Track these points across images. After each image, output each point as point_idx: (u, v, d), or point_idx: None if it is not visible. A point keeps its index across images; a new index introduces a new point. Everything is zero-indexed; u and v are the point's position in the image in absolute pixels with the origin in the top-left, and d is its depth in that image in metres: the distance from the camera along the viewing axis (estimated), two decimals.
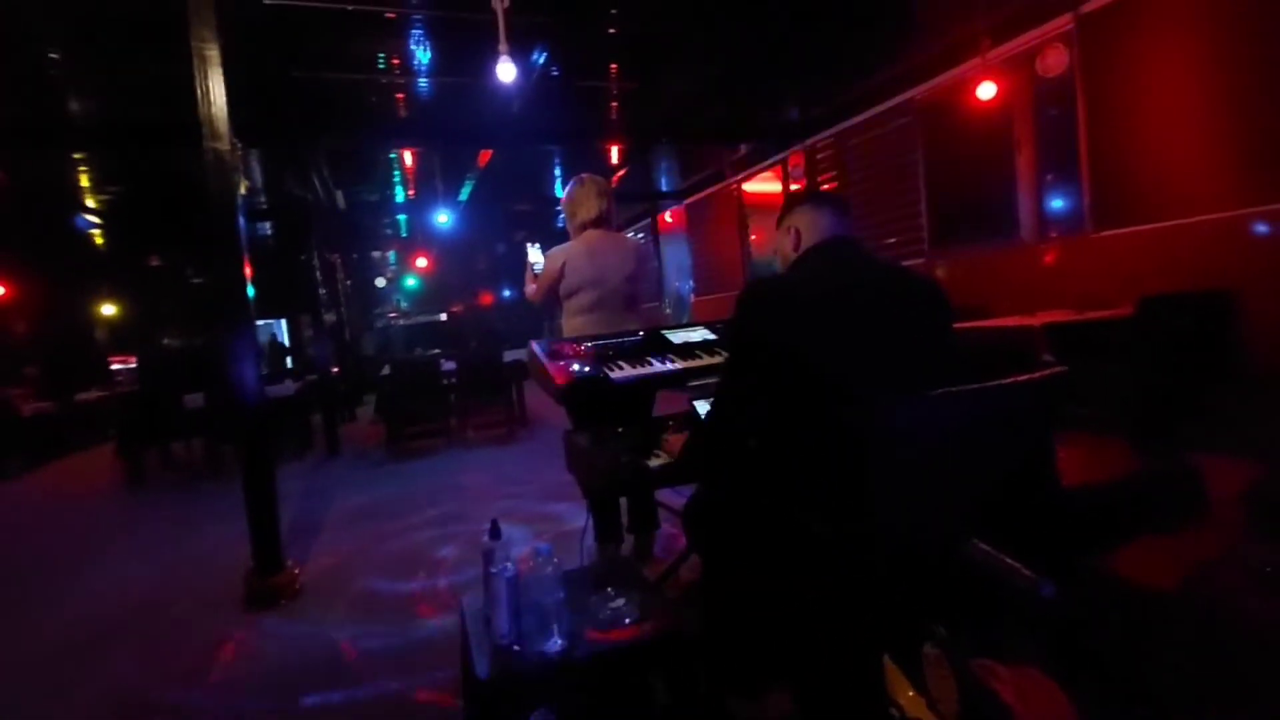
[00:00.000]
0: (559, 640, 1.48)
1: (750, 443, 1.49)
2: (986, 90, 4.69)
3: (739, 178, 8.85)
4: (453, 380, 6.79)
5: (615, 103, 6.64)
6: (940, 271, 5.78)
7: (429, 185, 9.54)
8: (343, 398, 9.66)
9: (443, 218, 10.07)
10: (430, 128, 6.67)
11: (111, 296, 11.84)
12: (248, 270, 3.05)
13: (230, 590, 3.05)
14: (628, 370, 2.17)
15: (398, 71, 5.33)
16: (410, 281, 17.10)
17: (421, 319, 16.92)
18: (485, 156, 7.92)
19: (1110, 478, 2.17)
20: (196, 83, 2.91)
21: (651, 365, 2.23)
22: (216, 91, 2.94)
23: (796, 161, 7.70)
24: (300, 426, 7.27)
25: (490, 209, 11.06)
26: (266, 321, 13.97)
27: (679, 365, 2.25)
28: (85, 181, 7.40)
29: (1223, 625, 1.40)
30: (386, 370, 6.82)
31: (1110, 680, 1.36)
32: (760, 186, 8.63)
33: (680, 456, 1.79)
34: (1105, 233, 4.46)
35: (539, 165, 9.06)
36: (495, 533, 1.57)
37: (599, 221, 2.85)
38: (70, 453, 8.60)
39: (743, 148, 8.44)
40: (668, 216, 11.35)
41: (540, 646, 1.48)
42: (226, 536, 3.89)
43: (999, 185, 5.21)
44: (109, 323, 11.89)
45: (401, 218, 12.14)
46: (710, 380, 2.13)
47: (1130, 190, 4.30)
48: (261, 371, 3.29)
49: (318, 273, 8.32)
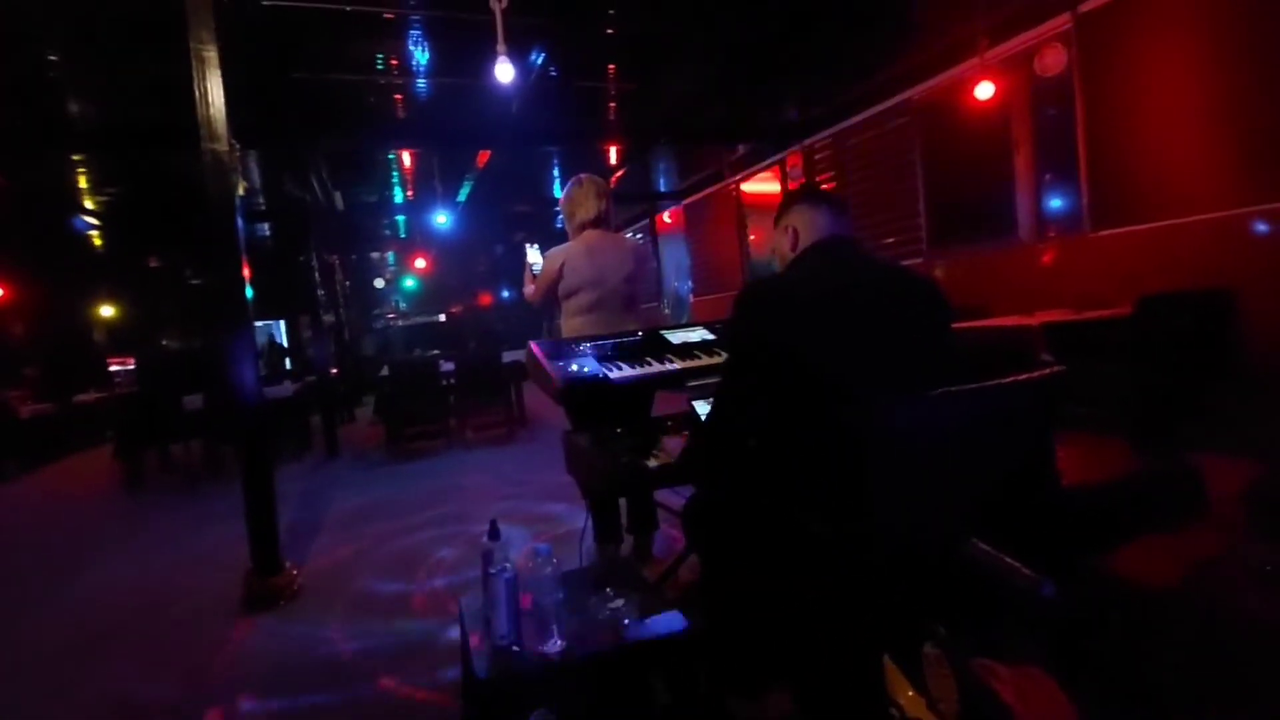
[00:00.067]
0: (558, 641, 1.48)
1: (750, 443, 1.49)
2: (985, 90, 4.69)
3: (738, 178, 8.85)
4: (452, 381, 6.78)
5: (614, 103, 6.64)
6: (939, 271, 5.78)
7: (428, 186, 9.53)
8: (341, 399, 9.66)
9: (441, 219, 10.07)
10: (429, 128, 6.66)
11: (110, 298, 11.82)
12: (246, 271, 3.06)
13: (229, 591, 3.05)
14: (627, 370, 2.17)
15: (396, 72, 5.32)
16: (409, 282, 17.12)
17: (420, 320, 16.94)
18: (484, 157, 7.91)
19: (1110, 477, 2.17)
20: (195, 84, 2.91)
21: (650, 365, 2.23)
22: (215, 93, 2.94)
23: (795, 162, 7.71)
24: (299, 428, 7.27)
25: (489, 210, 11.06)
26: (265, 323, 13.97)
27: (678, 365, 2.25)
28: (84, 183, 7.39)
29: (1223, 624, 1.40)
30: (385, 371, 6.82)
31: (1110, 680, 1.36)
32: (759, 187, 8.64)
33: (681, 459, 1.79)
34: (1104, 232, 4.47)
35: (538, 166, 9.06)
36: (494, 533, 1.57)
37: (598, 222, 2.85)
38: (69, 454, 8.59)
39: (741, 148, 8.44)
40: (666, 217, 11.35)
41: (540, 647, 1.48)
42: (225, 537, 3.88)
43: (997, 185, 5.21)
44: (107, 324, 11.88)
45: (400, 219, 12.14)
46: (709, 380, 2.13)
47: (1129, 190, 4.31)
48: (260, 373, 3.29)
49: (316, 274, 8.31)
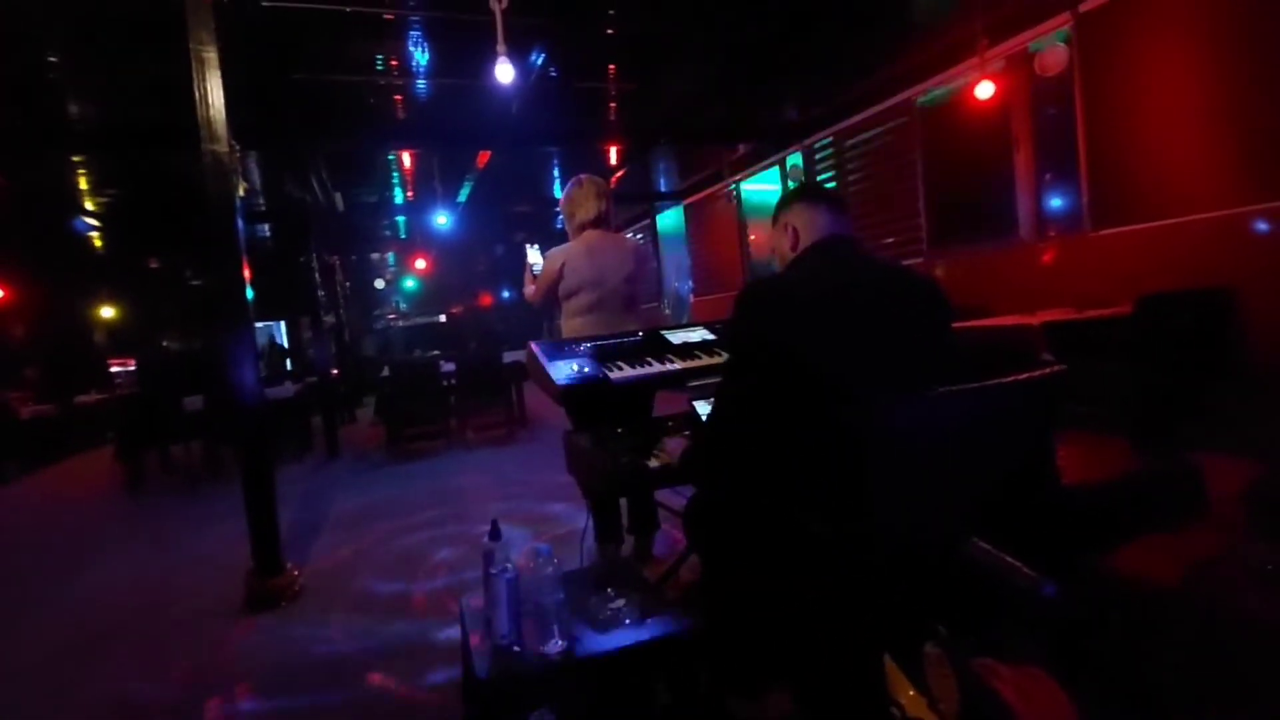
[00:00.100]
0: (559, 641, 1.48)
1: (751, 443, 1.49)
2: (985, 89, 4.68)
3: (738, 177, 8.85)
4: (452, 382, 6.79)
5: (614, 103, 6.64)
6: (939, 271, 5.78)
7: (428, 187, 9.53)
8: (342, 399, 9.66)
9: (442, 219, 10.07)
10: (429, 129, 6.67)
11: (110, 299, 11.83)
12: (246, 272, 3.06)
13: (230, 592, 3.05)
14: (627, 371, 2.17)
15: (396, 73, 5.33)
16: (409, 283, 17.11)
17: (421, 320, 16.94)
18: (484, 158, 7.91)
19: (1110, 476, 2.17)
20: (195, 85, 2.91)
21: (651, 366, 2.23)
22: (215, 94, 2.94)
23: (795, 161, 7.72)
24: (300, 428, 7.27)
25: (489, 210, 11.06)
26: (266, 323, 13.97)
27: (678, 365, 2.25)
28: (84, 184, 7.40)
29: (1223, 624, 1.40)
30: (386, 372, 6.83)
31: (1111, 679, 1.36)
32: (759, 186, 8.64)
33: (681, 459, 1.79)
34: (1104, 231, 4.46)
35: (538, 166, 9.06)
36: (495, 534, 1.57)
37: (598, 222, 2.85)
38: (69, 455, 8.59)
39: (741, 148, 8.44)
40: (664, 217, 11.35)
41: (540, 647, 1.48)
42: (226, 538, 3.89)
43: (997, 184, 5.21)
44: (108, 325, 11.89)
45: (400, 219, 12.14)
46: (710, 380, 2.13)
47: (1129, 189, 4.30)
48: (261, 373, 3.29)
49: (316, 274, 8.32)
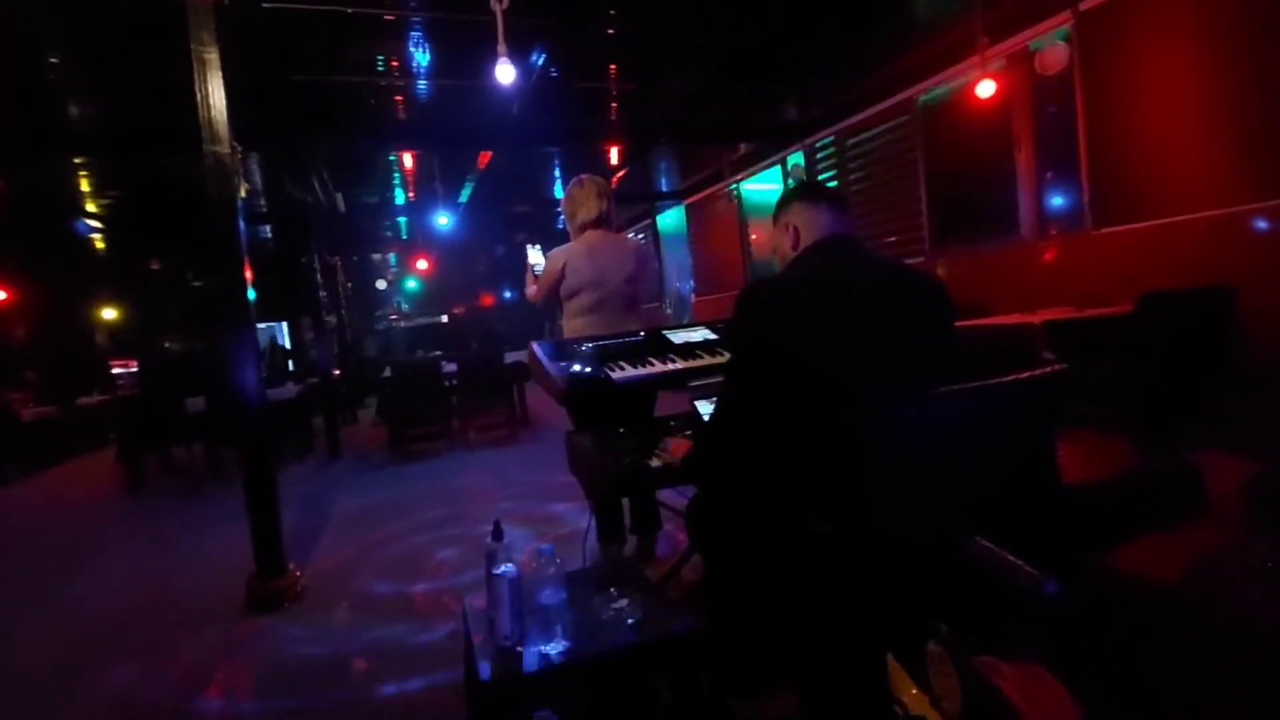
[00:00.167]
0: (562, 641, 1.49)
1: (753, 443, 1.49)
2: (986, 88, 4.68)
3: (738, 177, 8.85)
4: (454, 382, 6.79)
5: (614, 103, 6.64)
6: (941, 270, 5.77)
7: (429, 187, 9.54)
8: (344, 400, 9.66)
9: (443, 220, 10.08)
10: (430, 130, 6.67)
11: (112, 300, 11.84)
12: (248, 273, 3.06)
13: (232, 593, 3.05)
14: (629, 371, 2.17)
15: (397, 74, 5.33)
16: (411, 284, 17.12)
17: (422, 321, 16.94)
18: (485, 158, 7.92)
19: (1111, 475, 2.17)
20: (196, 86, 2.91)
21: (652, 365, 2.23)
22: (216, 95, 2.94)
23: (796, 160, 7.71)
24: (302, 429, 7.28)
25: (490, 211, 11.06)
26: (267, 324, 13.97)
27: (680, 365, 2.25)
28: (85, 186, 7.41)
29: (1224, 621, 1.40)
30: (388, 372, 6.83)
31: (1112, 677, 1.36)
32: (760, 186, 8.64)
33: (683, 460, 1.79)
34: (1105, 230, 4.46)
35: (539, 167, 9.06)
36: (498, 534, 1.57)
37: (599, 222, 2.85)
38: (71, 457, 8.60)
39: (742, 147, 8.44)
40: (665, 217, 11.35)
41: (543, 648, 1.48)
42: (228, 539, 3.89)
43: (998, 183, 5.21)
44: (110, 327, 11.89)
45: (402, 220, 12.15)
46: (711, 380, 2.13)
47: (1129, 187, 4.30)
48: (262, 374, 3.29)
49: (318, 275, 8.33)
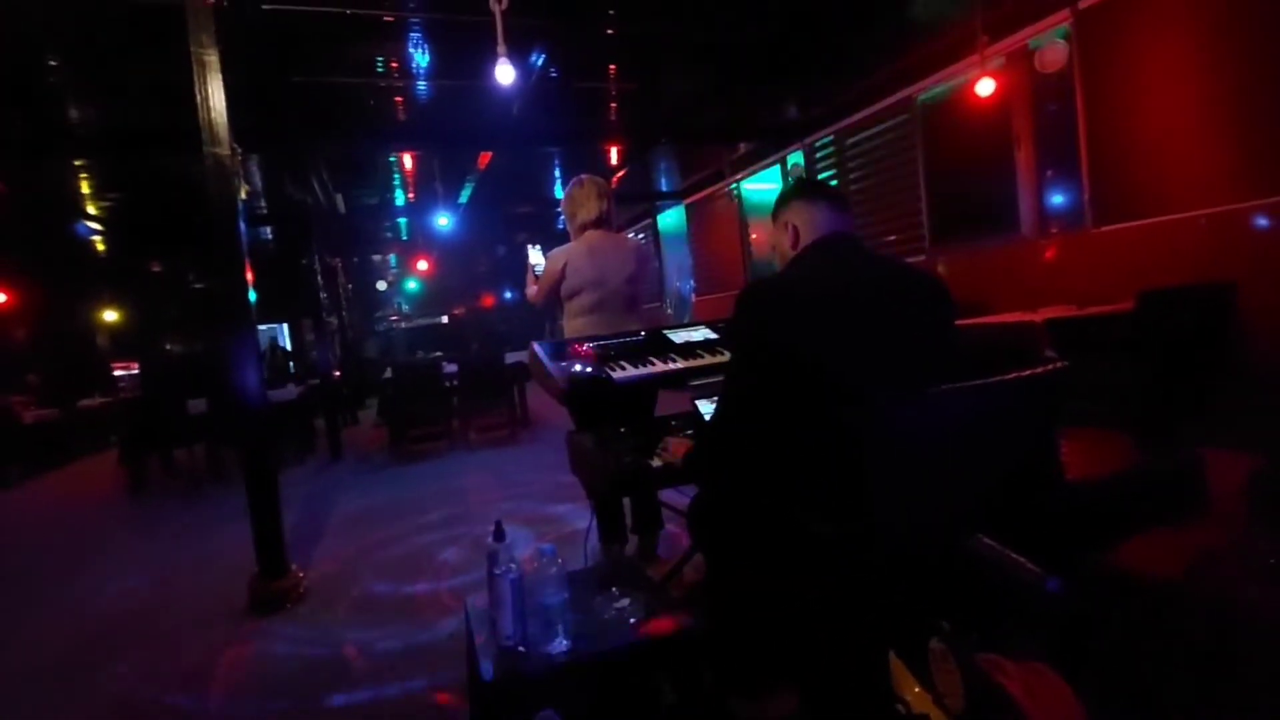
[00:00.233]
0: (564, 641, 1.48)
1: (754, 443, 1.49)
2: (985, 87, 4.68)
3: (739, 176, 8.86)
4: (455, 383, 6.80)
5: (614, 103, 6.64)
6: (941, 268, 5.77)
7: (429, 188, 9.54)
8: (345, 401, 9.68)
9: (443, 220, 10.08)
10: (429, 130, 6.67)
11: (113, 302, 11.86)
12: (249, 275, 3.06)
13: (234, 595, 3.05)
14: (630, 370, 2.17)
15: (396, 74, 5.33)
16: (411, 284, 17.15)
17: (423, 322, 16.99)
18: (485, 159, 7.92)
19: (1112, 473, 2.17)
20: (196, 88, 2.91)
21: (653, 365, 2.23)
22: (216, 97, 2.94)
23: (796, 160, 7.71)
24: (303, 430, 7.29)
25: (490, 211, 11.06)
26: (268, 326, 14.01)
27: (681, 365, 2.25)
28: (86, 188, 7.42)
29: (1226, 618, 1.39)
30: (388, 373, 6.84)
31: (1114, 674, 1.36)
32: (760, 185, 8.64)
33: (684, 460, 1.78)
34: (1105, 228, 4.46)
35: (539, 167, 9.07)
36: (499, 534, 1.57)
37: (599, 222, 2.86)
38: (73, 460, 8.61)
39: (742, 147, 8.44)
40: (666, 217, 11.35)
41: (545, 648, 1.48)
42: (230, 541, 3.89)
43: (998, 181, 5.20)
44: (111, 329, 11.91)
45: (402, 221, 12.15)
46: (712, 380, 2.13)
47: (1130, 185, 4.30)
48: (264, 376, 3.29)
49: (319, 277, 8.33)
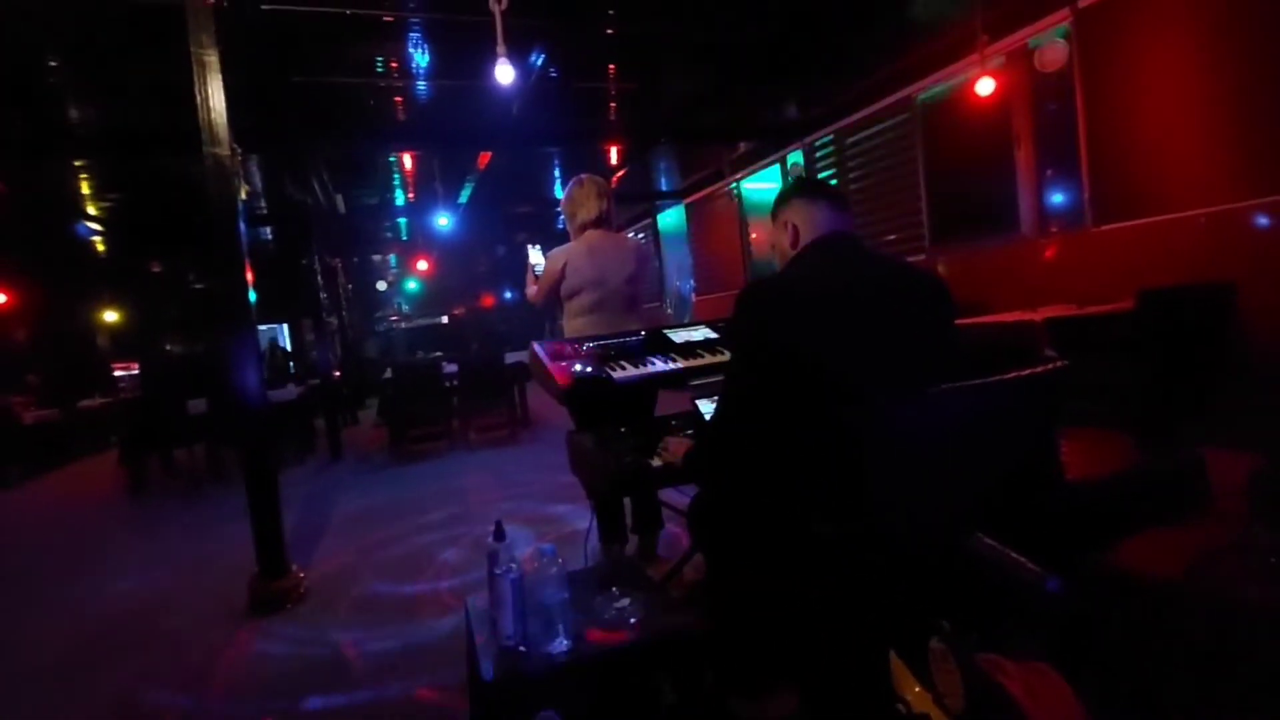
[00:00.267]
0: (564, 641, 1.48)
1: (754, 442, 1.49)
2: (985, 86, 4.68)
3: (738, 176, 8.86)
4: (455, 383, 6.79)
5: (614, 103, 6.64)
6: (941, 268, 5.77)
7: (429, 188, 9.54)
8: (345, 401, 9.68)
9: (443, 220, 10.08)
10: (429, 130, 6.67)
11: (113, 303, 11.86)
12: (249, 275, 3.06)
13: (235, 595, 3.05)
14: (630, 370, 2.17)
15: (396, 75, 5.33)
16: (411, 284, 17.15)
17: (423, 322, 16.99)
18: (485, 159, 7.92)
19: (1112, 472, 2.17)
20: (196, 88, 2.91)
21: (653, 365, 2.23)
22: (216, 97, 2.94)
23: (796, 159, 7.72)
24: (303, 431, 7.29)
25: (490, 211, 11.07)
26: (268, 326, 14.01)
27: (681, 364, 2.25)
28: (86, 188, 7.42)
29: (1227, 616, 1.39)
30: (388, 373, 6.84)
31: (1115, 673, 1.36)
32: (760, 185, 8.64)
33: (685, 460, 1.78)
34: (1105, 227, 4.46)
35: (538, 167, 9.07)
36: (500, 534, 1.57)
37: (599, 222, 2.85)
38: (73, 460, 8.61)
39: (742, 146, 8.44)
40: (666, 216, 11.35)
41: (545, 648, 1.48)
42: (230, 541, 3.89)
43: (998, 181, 5.20)
44: (111, 329, 11.91)
45: (402, 221, 12.16)
46: (712, 379, 2.13)
47: (1130, 184, 4.30)
48: (264, 376, 3.29)
49: (319, 277, 8.34)
